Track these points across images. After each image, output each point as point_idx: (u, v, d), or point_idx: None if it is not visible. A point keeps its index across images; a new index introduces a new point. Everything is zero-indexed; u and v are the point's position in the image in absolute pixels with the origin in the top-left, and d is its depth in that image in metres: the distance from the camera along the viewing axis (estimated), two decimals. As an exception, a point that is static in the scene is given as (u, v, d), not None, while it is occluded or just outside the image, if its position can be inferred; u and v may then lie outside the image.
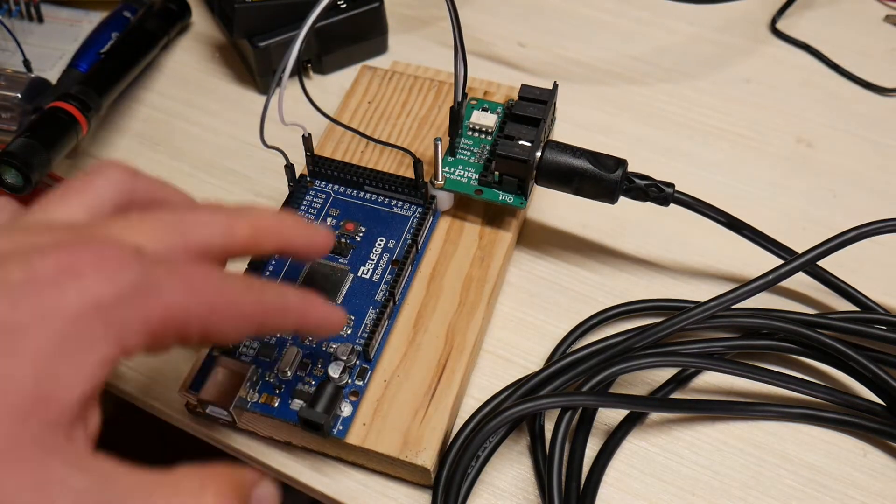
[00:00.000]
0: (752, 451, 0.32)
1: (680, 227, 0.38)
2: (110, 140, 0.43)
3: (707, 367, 0.32)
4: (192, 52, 0.47)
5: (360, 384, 0.30)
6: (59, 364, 0.18)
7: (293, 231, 0.26)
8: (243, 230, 0.24)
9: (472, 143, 0.36)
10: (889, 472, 0.31)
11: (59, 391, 0.18)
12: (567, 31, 0.48)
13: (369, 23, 0.45)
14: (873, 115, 0.43)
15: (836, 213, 0.39)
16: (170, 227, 0.22)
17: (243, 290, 0.22)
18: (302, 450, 0.31)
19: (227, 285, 0.22)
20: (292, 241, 0.26)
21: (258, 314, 0.23)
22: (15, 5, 0.45)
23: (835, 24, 0.48)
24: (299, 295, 0.25)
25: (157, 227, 0.22)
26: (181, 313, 0.20)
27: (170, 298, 0.20)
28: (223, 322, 0.21)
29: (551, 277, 0.37)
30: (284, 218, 0.26)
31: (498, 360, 0.34)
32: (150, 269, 0.20)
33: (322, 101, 0.32)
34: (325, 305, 0.26)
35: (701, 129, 0.43)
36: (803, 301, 0.36)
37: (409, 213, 0.35)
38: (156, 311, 0.20)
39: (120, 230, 0.21)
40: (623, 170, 0.33)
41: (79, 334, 0.18)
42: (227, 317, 0.22)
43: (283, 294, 0.24)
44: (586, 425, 0.32)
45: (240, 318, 0.22)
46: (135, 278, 0.19)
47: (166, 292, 0.20)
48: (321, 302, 0.26)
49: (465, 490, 0.30)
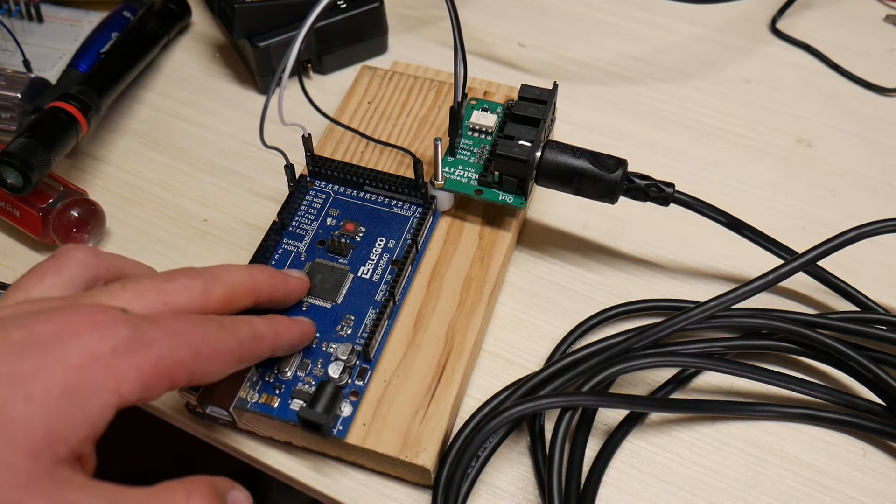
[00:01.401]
0: (752, 451, 0.32)
1: (680, 227, 0.38)
2: (110, 140, 0.43)
3: (707, 367, 0.32)
4: (192, 52, 0.47)
5: (360, 384, 0.30)
6: (65, 408, 0.20)
7: (265, 286, 0.29)
8: (218, 294, 0.26)
9: (472, 144, 0.36)
10: (889, 472, 0.31)
11: (66, 432, 0.20)
12: (567, 31, 0.48)
13: (369, 23, 0.45)
14: (873, 115, 0.43)
15: (836, 213, 0.39)
16: (150, 293, 0.25)
17: (220, 331, 0.25)
18: (302, 450, 0.31)
19: (207, 330, 0.24)
20: (266, 295, 0.29)
21: (236, 349, 0.26)
22: (15, 5, 0.45)
23: (835, 24, 0.48)
24: (267, 321, 0.28)
25: (139, 294, 0.24)
26: (169, 361, 0.23)
27: (158, 349, 0.22)
28: (208, 363, 0.24)
29: (551, 277, 0.37)
30: (256, 275, 0.29)
31: (498, 360, 0.34)
32: (139, 326, 0.22)
33: (322, 101, 0.32)
34: (292, 323, 0.29)
35: (701, 129, 0.43)
36: (803, 301, 0.36)
37: (409, 214, 0.35)
38: (147, 361, 0.22)
39: (106, 298, 0.24)
40: (623, 170, 0.33)
41: (81, 382, 0.21)
42: (211, 358, 0.24)
43: (253, 325, 0.27)
44: (586, 425, 0.32)
45: (221, 356, 0.25)
46: (127, 334, 0.22)
47: (155, 344, 0.22)
48: (288, 322, 0.29)
49: (465, 490, 0.30)
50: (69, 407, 0.20)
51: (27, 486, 0.19)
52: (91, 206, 0.37)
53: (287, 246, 0.34)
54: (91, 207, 0.37)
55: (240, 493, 0.24)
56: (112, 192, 0.40)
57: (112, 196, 0.40)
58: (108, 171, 0.41)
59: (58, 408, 0.20)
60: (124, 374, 0.21)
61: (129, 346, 0.22)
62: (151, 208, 0.40)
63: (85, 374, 0.21)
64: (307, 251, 0.34)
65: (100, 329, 0.21)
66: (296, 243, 0.34)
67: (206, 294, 0.26)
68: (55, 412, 0.20)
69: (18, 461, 0.19)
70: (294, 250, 0.34)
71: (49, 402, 0.20)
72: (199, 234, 0.39)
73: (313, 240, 0.34)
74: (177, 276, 0.26)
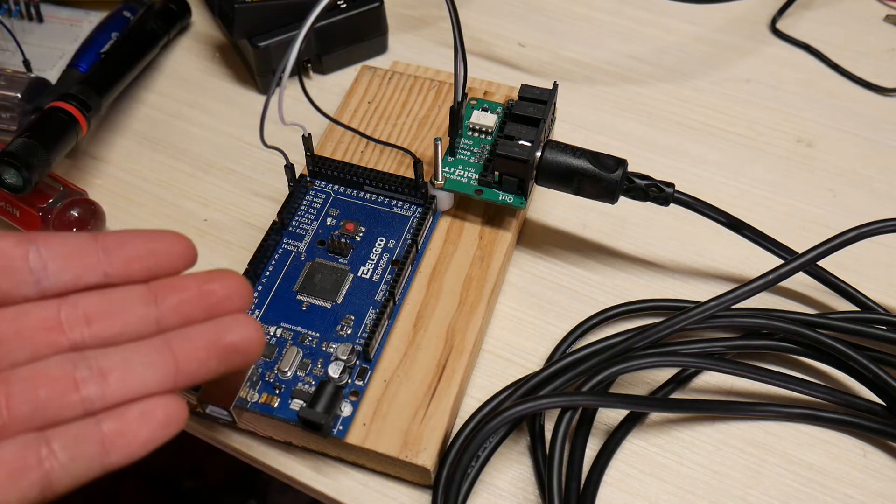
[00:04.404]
0: (752, 451, 0.32)
1: (680, 227, 0.38)
2: (110, 140, 0.43)
3: (707, 367, 0.32)
4: (192, 52, 0.47)
5: (360, 384, 0.30)
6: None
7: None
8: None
9: (472, 143, 0.36)
10: (889, 472, 0.31)
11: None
12: (567, 31, 0.48)
13: (369, 23, 0.45)
14: (873, 115, 0.43)
15: (836, 213, 0.39)
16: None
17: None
18: (302, 450, 0.31)
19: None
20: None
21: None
22: (15, 5, 0.45)
23: (835, 24, 0.48)
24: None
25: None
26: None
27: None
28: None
29: (551, 277, 0.37)
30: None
31: (498, 360, 0.34)
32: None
33: (322, 101, 0.32)
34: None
35: (701, 129, 0.43)
36: (803, 301, 0.36)
37: (409, 213, 0.35)
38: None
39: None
40: (623, 170, 0.33)
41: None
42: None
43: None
44: (586, 425, 0.32)
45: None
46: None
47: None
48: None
49: (465, 490, 0.30)
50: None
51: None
52: (91, 205, 0.37)
53: (287, 246, 0.34)
54: (91, 207, 0.37)
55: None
56: (112, 192, 0.40)
57: (112, 196, 0.40)
58: (108, 171, 0.41)
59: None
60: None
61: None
62: (151, 208, 0.40)
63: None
64: (307, 251, 0.34)
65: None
66: (296, 243, 0.34)
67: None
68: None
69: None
70: (294, 250, 0.34)
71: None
72: (199, 234, 0.39)
73: (313, 240, 0.34)
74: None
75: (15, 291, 0.23)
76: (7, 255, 0.23)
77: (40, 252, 0.23)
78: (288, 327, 0.32)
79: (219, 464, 0.69)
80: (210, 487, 0.71)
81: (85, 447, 0.22)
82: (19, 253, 0.23)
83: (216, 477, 0.71)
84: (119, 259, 0.24)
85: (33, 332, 0.22)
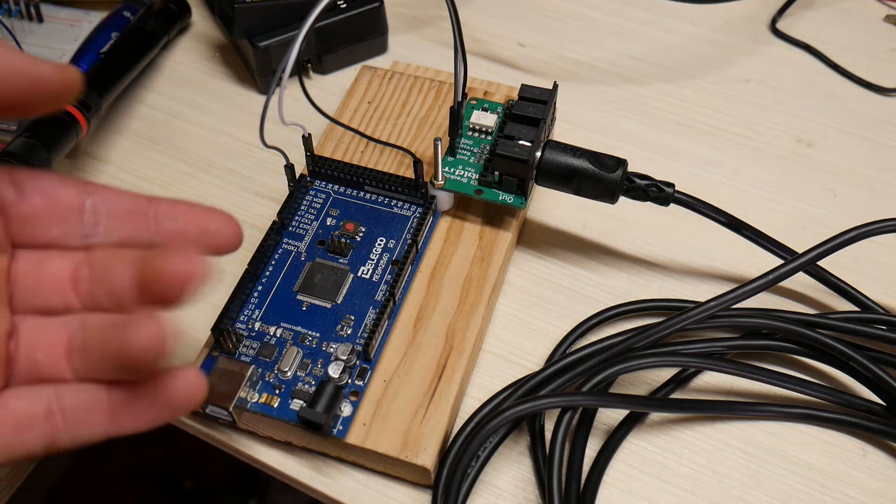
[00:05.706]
0: (752, 451, 0.32)
1: (680, 227, 0.38)
2: (110, 140, 0.43)
3: (707, 367, 0.32)
4: (192, 52, 0.47)
5: (360, 384, 0.30)
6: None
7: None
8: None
9: (472, 143, 0.36)
10: (889, 472, 0.31)
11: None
12: (567, 31, 0.48)
13: (369, 23, 0.45)
14: (873, 115, 0.43)
15: (836, 213, 0.39)
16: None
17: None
18: (302, 450, 0.31)
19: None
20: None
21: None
22: (15, 5, 0.45)
23: (835, 24, 0.48)
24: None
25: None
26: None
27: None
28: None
29: (551, 277, 0.37)
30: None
31: (498, 360, 0.34)
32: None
33: (322, 101, 0.32)
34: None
35: (701, 129, 0.43)
36: (803, 301, 0.36)
37: (409, 213, 0.35)
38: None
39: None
40: (623, 170, 0.33)
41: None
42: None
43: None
44: (586, 425, 0.32)
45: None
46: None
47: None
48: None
49: (465, 490, 0.30)
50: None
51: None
52: (91, 205, 0.37)
53: (287, 246, 0.34)
54: (91, 207, 0.37)
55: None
56: (112, 192, 0.40)
57: (112, 196, 0.40)
58: (108, 171, 0.41)
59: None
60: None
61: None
62: (151, 208, 0.40)
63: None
64: (307, 251, 0.34)
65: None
66: (296, 243, 0.34)
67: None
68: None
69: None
70: (294, 250, 0.34)
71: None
72: (199, 234, 0.39)
73: (313, 240, 0.34)
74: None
75: (61, 241, 0.23)
76: (66, 205, 0.23)
77: (96, 207, 0.23)
78: (288, 327, 0.32)
79: (219, 464, 0.70)
80: (210, 487, 0.71)
81: (93, 414, 0.22)
82: (76, 204, 0.23)
83: (216, 477, 0.71)
84: (168, 230, 0.24)
85: (51, 283, 0.23)
